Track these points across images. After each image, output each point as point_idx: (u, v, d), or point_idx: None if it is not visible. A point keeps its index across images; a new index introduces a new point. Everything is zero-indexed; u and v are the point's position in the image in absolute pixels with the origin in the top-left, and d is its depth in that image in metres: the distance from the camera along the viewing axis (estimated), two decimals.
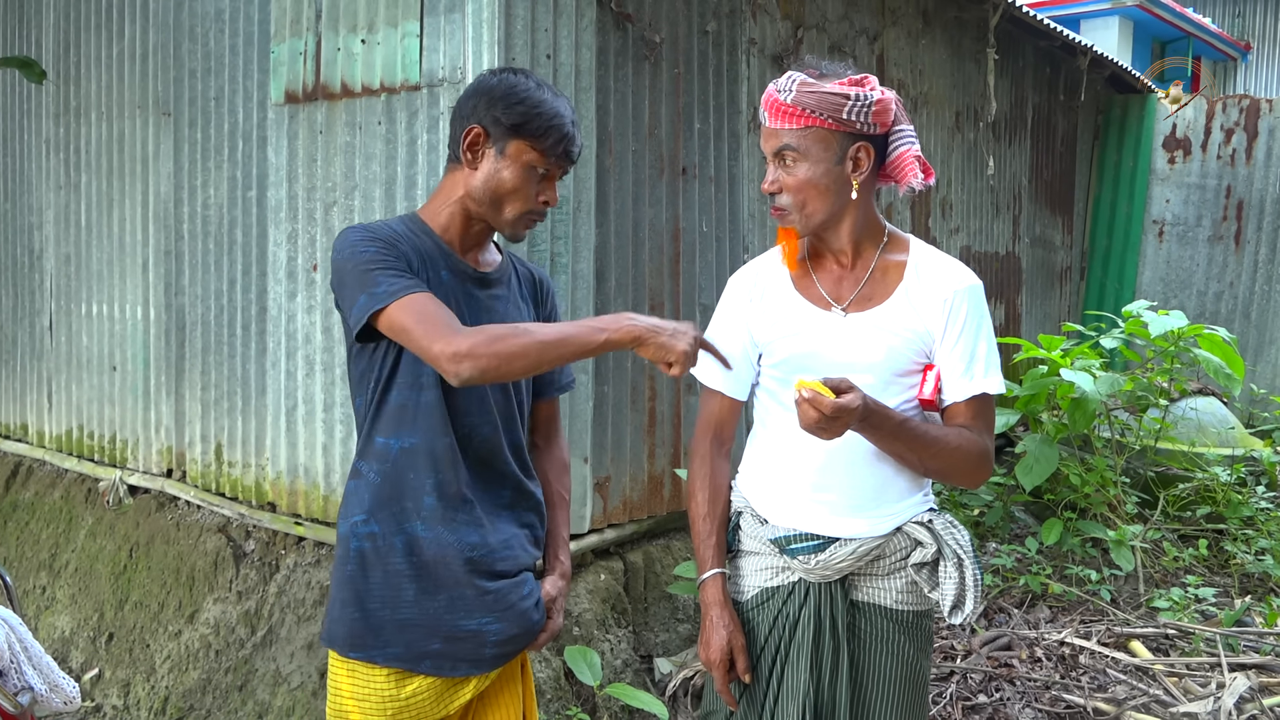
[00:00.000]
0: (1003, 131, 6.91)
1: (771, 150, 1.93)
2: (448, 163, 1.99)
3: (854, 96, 1.86)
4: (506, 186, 1.91)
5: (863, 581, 2.01)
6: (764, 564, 2.05)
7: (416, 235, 1.94)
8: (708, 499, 2.06)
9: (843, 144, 1.90)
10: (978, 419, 1.95)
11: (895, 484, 1.98)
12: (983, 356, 1.95)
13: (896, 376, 1.94)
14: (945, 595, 1.94)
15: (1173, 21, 13.15)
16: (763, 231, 4.49)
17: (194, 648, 3.94)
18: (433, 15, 3.42)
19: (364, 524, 1.91)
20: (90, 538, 4.67)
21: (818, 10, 4.86)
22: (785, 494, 2.01)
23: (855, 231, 1.98)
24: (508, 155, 1.90)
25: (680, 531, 4.16)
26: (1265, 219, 7.87)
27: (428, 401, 1.89)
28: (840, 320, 1.97)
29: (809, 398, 1.72)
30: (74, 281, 5.03)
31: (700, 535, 2.06)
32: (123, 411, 4.77)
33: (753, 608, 2.05)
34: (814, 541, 1.96)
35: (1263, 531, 5.05)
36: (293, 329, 3.88)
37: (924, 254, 2.01)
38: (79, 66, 4.96)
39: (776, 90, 1.91)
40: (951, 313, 1.94)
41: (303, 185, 3.82)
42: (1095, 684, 3.74)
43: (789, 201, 1.93)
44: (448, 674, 1.92)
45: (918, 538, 1.97)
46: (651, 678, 3.68)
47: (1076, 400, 4.79)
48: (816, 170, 1.90)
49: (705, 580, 2.03)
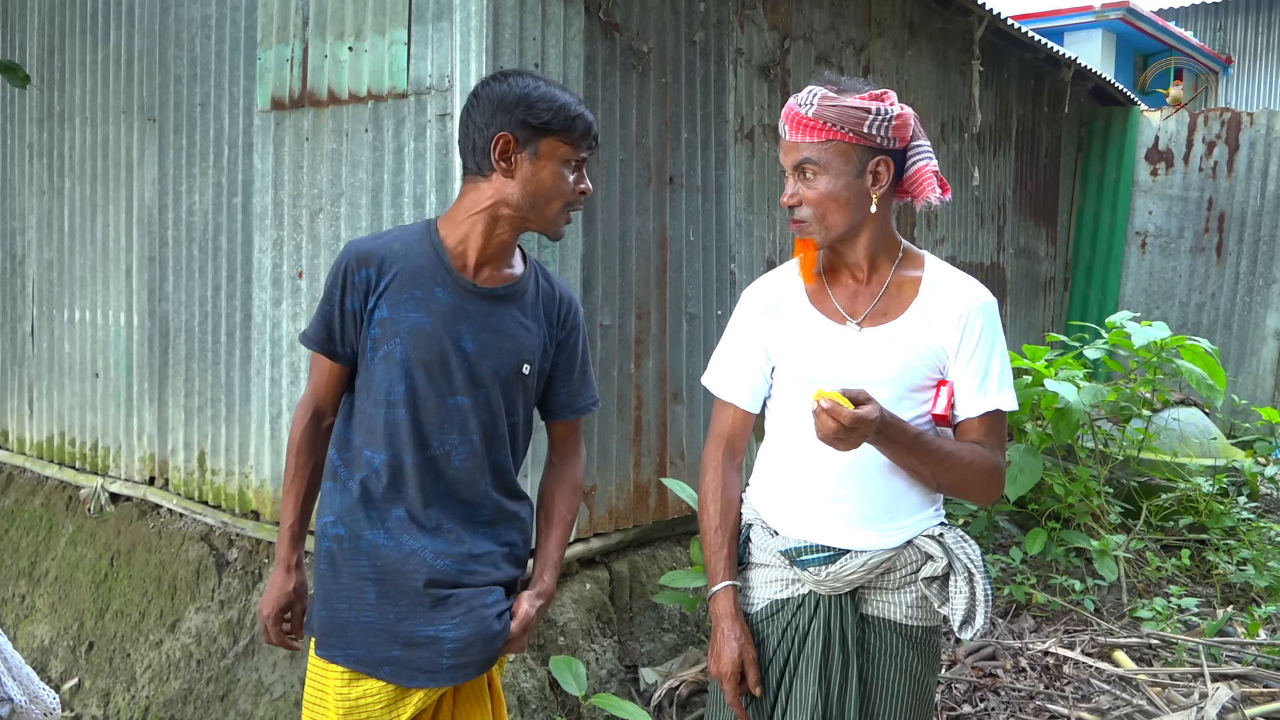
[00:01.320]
0: (987, 143, 6.95)
1: (791, 163, 1.94)
2: (465, 176, 1.98)
3: (875, 111, 1.88)
4: (547, 185, 1.93)
5: (872, 595, 2.01)
6: (774, 576, 2.05)
7: (421, 249, 1.96)
8: (720, 511, 2.06)
9: (862, 158, 1.91)
10: (991, 435, 1.96)
11: (908, 497, 1.98)
12: (996, 373, 1.96)
13: (910, 391, 1.95)
14: (956, 610, 1.94)
15: (1155, 35, 13.26)
16: (749, 241, 4.50)
17: (175, 657, 3.91)
18: (420, 23, 3.42)
19: (333, 525, 1.98)
20: (71, 546, 4.63)
21: (805, 21, 4.88)
22: (797, 506, 2.01)
23: (872, 246, 1.99)
24: (542, 155, 1.92)
25: (666, 541, 4.15)
26: (1246, 231, 7.93)
27: (396, 420, 1.93)
28: (855, 335, 1.98)
29: (828, 408, 1.72)
30: (56, 287, 4.99)
31: (712, 548, 2.06)
32: (105, 418, 4.74)
33: (762, 620, 2.04)
34: (825, 553, 1.96)
35: (1244, 542, 5.07)
36: (277, 336, 3.86)
37: (939, 270, 2.03)
38: (63, 71, 4.93)
39: (797, 104, 1.92)
40: (966, 329, 1.95)
41: (288, 192, 3.81)
42: (1079, 694, 3.75)
43: (809, 214, 1.94)
44: (405, 683, 1.94)
45: (928, 551, 1.97)
46: (637, 688, 3.67)
47: (1060, 410, 4.81)
48: (837, 183, 1.91)
49: (716, 592, 2.03)
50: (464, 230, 1.97)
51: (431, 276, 1.94)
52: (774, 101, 4.66)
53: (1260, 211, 7.88)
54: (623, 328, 3.84)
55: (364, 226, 3.59)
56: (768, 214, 4.62)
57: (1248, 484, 5.64)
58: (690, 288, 4.16)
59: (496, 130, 1.90)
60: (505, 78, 1.95)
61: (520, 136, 1.90)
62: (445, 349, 1.93)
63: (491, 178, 1.94)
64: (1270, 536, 5.25)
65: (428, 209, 3.42)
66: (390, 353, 1.93)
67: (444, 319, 1.93)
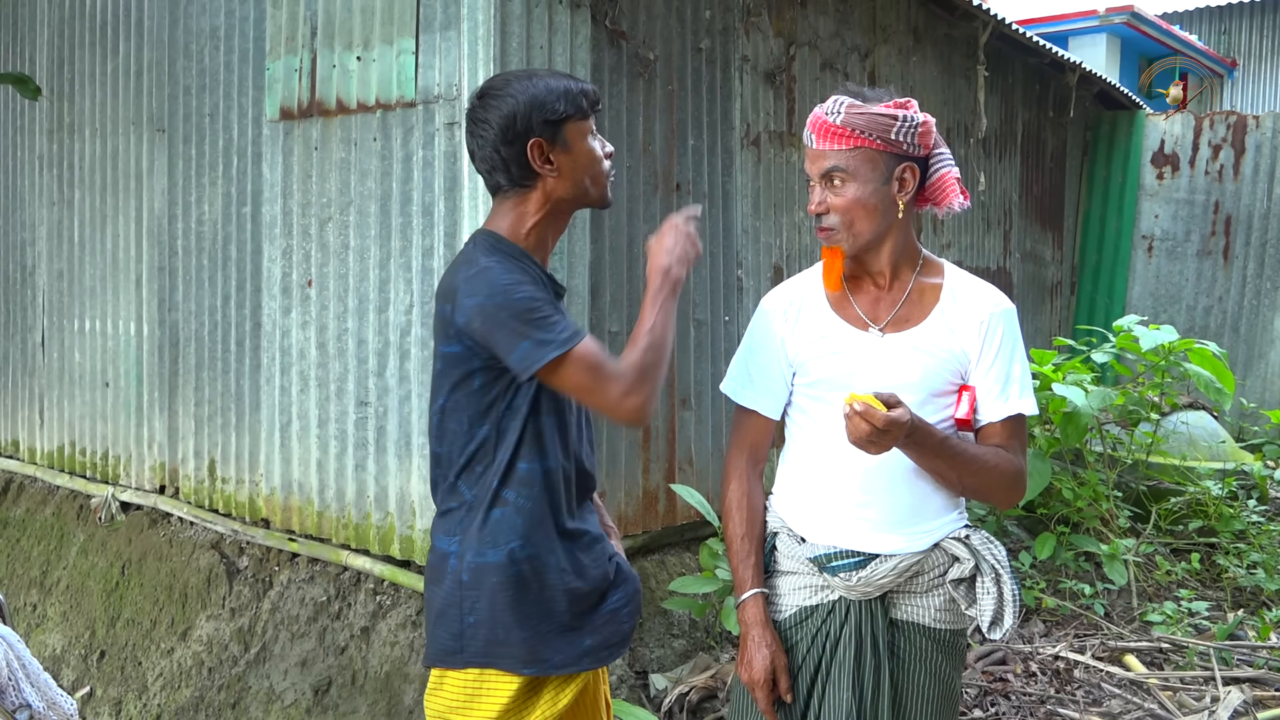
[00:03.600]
0: (993, 147, 6.95)
1: (819, 172, 1.95)
2: (503, 191, 1.99)
3: (902, 118, 1.91)
4: (584, 165, 1.98)
5: (901, 599, 2.02)
6: (802, 583, 2.05)
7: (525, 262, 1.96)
8: (745, 519, 2.07)
9: (889, 164, 1.93)
10: (1013, 439, 1.98)
11: (933, 501, 1.99)
12: (1018, 378, 1.98)
13: (933, 397, 1.97)
14: (984, 611, 1.95)
15: (1160, 39, 13.25)
16: (756, 248, 4.51)
17: (186, 665, 3.92)
18: (428, 32, 3.44)
19: (521, 549, 1.94)
20: (82, 555, 4.65)
21: (810, 28, 4.90)
22: (825, 512, 2.02)
23: (895, 253, 2.01)
24: (571, 141, 1.96)
25: (675, 547, 4.16)
26: (1253, 234, 7.92)
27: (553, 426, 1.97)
28: (877, 340, 1.99)
29: (861, 410, 1.73)
30: (67, 297, 5.02)
31: (739, 556, 2.06)
32: (115, 428, 4.76)
33: (791, 626, 2.05)
34: (855, 559, 1.97)
35: (1254, 545, 5.06)
36: (287, 344, 3.87)
37: (959, 277, 2.05)
38: (73, 83, 4.96)
39: (824, 113, 1.94)
40: (988, 335, 1.97)
41: (298, 201, 3.83)
42: (1090, 698, 3.75)
43: (837, 221, 1.95)
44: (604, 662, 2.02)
45: (955, 553, 1.98)
46: (647, 694, 3.67)
47: (1068, 415, 4.81)
48: (865, 190, 1.93)
49: (745, 600, 2.04)
50: (534, 239, 1.98)
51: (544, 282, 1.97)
52: (779, 108, 4.67)
53: (1267, 215, 7.86)
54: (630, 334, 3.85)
55: (373, 235, 3.60)
56: (774, 220, 4.63)
57: (1257, 487, 5.63)
58: (698, 294, 4.17)
59: (523, 143, 1.92)
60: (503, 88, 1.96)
61: (547, 134, 1.94)
62: None
63: (536, 184, 1.97)
64: None
65: (436, 217, 3.44)
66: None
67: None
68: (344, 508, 3.72)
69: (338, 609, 3.71)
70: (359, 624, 3.63)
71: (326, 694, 3.55)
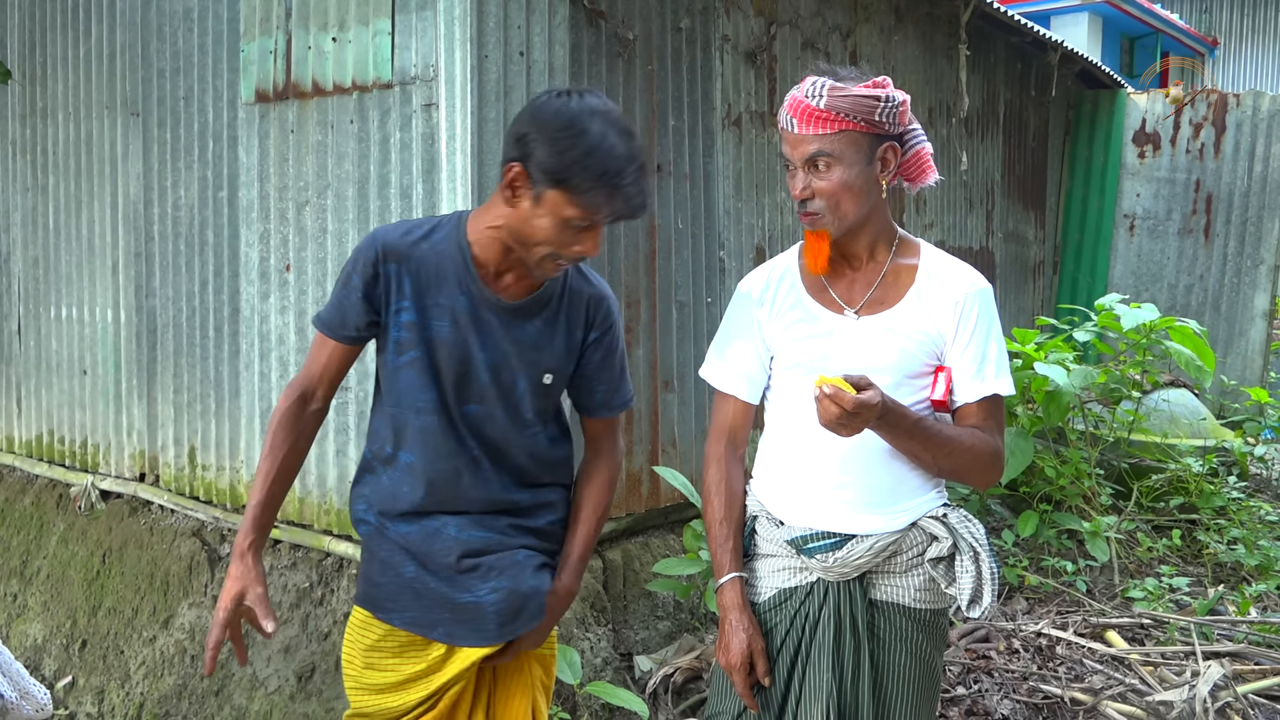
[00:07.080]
0: (975, 127, 6.95)
1: (802, 157, 1.92)
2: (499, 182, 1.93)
3: (884, 98, 1.89)
4: (538, 236, 1.79)
5: (880, 580, 2.02)
6: (780, 565, 2.05)
7: (448, 252, 1.92)
8: (724, 504, 2.07)
9: (871, 146, 1.92)
10: (989, 419, 1.97)
11: (910, 480, 1.99)
12: (993, 358, 1.97)
13: (908, 378, 1.96)
14: (962, 589, 1.95)
15: (1141, 18, 13.27)
16: (738, 229, 4.50)
17: (169, 653, 3.90)
18: (404, 13, 3.40)
19: (365, 512, 2.04)
20: (62, 544, 4.61)
21: (791, 7, 4.87)
22: (801, 494, 2.02)
23: (873, 234, 2.00)
24: (545, 205, 1.76)
25: (659, 529, 4.15)
26: (1234, 212, 7.95)
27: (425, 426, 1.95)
28: (853, 323, 1.98)
29: (830, 393, 1.72)
30: (42, 285, 4.96)
31: (717, 540, 2.06)
32: (94, 416, 4.72)
33: (769, 609, 2.05)
34: (831, 539, 1.97)
35: (1235, 521, 5.10)
36: (265, 330, 3.84)
37: (934, 257, 2.03)
38: (45, 67, 4.89)
39: (805, 96, 1.90)
40: (963, 315, 1.96)
41: (274, 185, 3.79)
42: (1072, 674, 3.77)
43: (822, 206, 1.93)
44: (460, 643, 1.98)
45: (933, 532, 1.98)
46: (631, 675, 3.67)
47: (1050, 393, 4.83)
48: (851, 173, 1.91)
49: (723, 584, 2.04)
50: (485, 239, 1.92)
51: (457, 284, 1.91)
52: (760, 88, 4.65)
53: (1248, 193, 7.90)
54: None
55: (351, 218, 3.57)
56: (756, 201, 4.61)
57: (1237, 464, 5.67)
58: (679, 275, 4.15)
59: (515, 156, 1.78)
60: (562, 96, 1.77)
61: (532, 175, 1.75)
62: (468, 359, 1.93)
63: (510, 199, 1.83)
64: (1260, 515, 5.28)
65: (414, 200, 3.41)
66: (416, 359, 1.93)
67: (467, 329, 1.92)
68: (325, 494, 3.70)
69: (320, 595, 3.69)
70: (342, 610, 3.61)
71: (310, 680, 3.54)
